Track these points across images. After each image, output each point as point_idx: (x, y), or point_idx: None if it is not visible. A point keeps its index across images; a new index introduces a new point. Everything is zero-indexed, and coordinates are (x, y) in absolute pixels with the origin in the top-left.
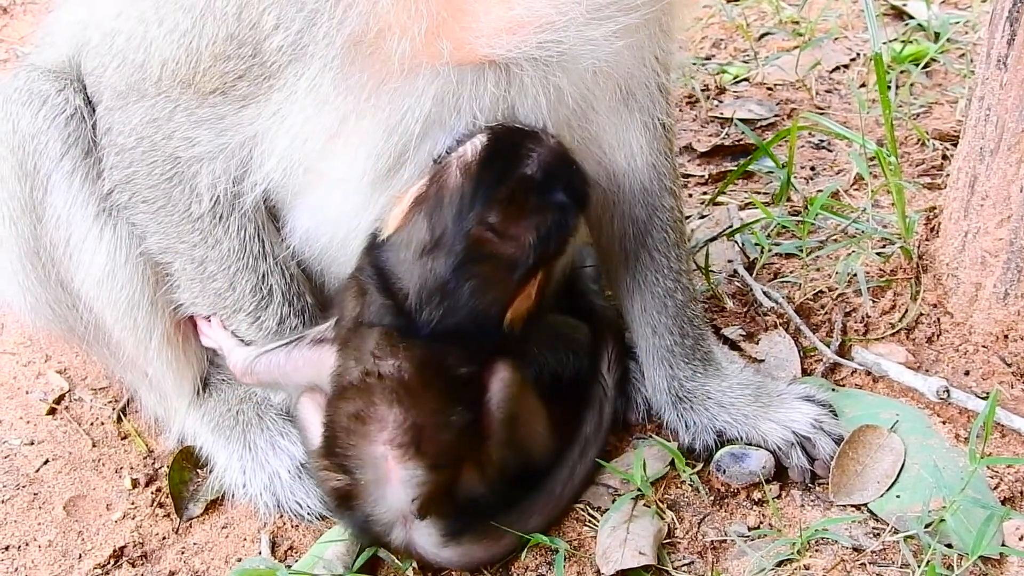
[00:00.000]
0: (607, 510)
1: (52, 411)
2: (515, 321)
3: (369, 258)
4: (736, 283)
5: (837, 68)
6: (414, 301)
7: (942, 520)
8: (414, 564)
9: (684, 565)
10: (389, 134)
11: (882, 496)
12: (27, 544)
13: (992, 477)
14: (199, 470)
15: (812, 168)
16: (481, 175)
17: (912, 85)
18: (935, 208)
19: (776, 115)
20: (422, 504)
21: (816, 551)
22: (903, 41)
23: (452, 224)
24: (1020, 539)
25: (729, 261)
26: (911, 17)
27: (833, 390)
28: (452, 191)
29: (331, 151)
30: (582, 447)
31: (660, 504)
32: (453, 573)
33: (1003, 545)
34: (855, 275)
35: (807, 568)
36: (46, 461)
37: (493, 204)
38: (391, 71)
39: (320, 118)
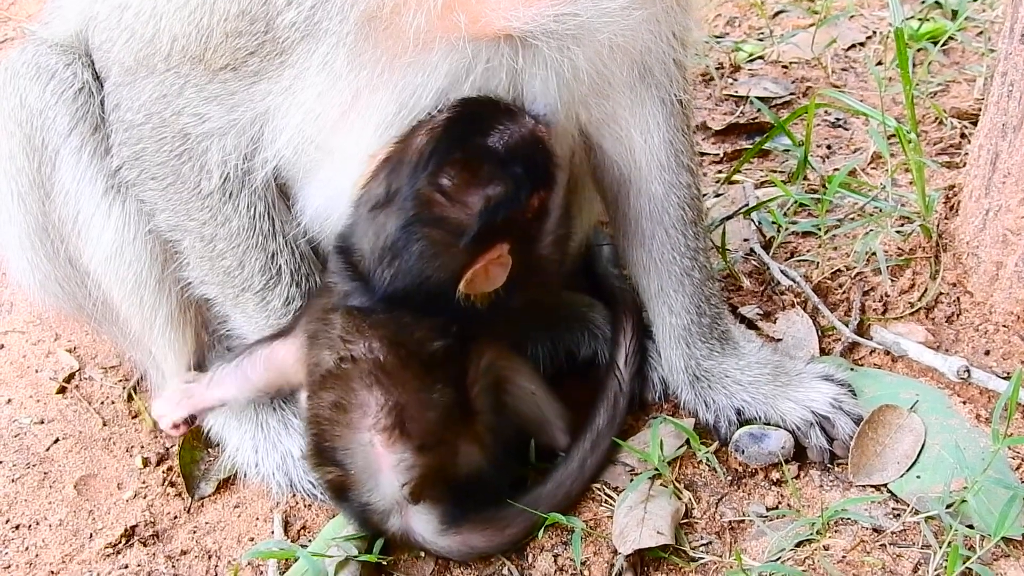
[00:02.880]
0: (623, 490)
1: (62, 390)
2: (478, 298)
3: (341, 250)
4: (753, 262)
5: (853, 46)
6: (368, 261)
7: (963, 501)
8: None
9: (702, 545)
10: (401, 109)
11: (902, 476)
12: (38, 523)
13: (1014, 458)
14: (210, 449)
15: (828, 147)
16: (442, 138)
17: (930, 63)
18: (955, 186)
19: (791, 93)
20: (413, 488)
21: (836, 532)
22: (920, 19)
23: (406, 182)
24: None
25: (745, 240)
26: None
27: (852, 370)
28: (413, 151)
29: (343, 128)
30: (594, 438)
31: (677, 484)
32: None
33: None
34: (874, 253)
35: (826, 549)
36: (56, 440)
37: (446, 166)
38: (406, 46)
39: (333, 94)
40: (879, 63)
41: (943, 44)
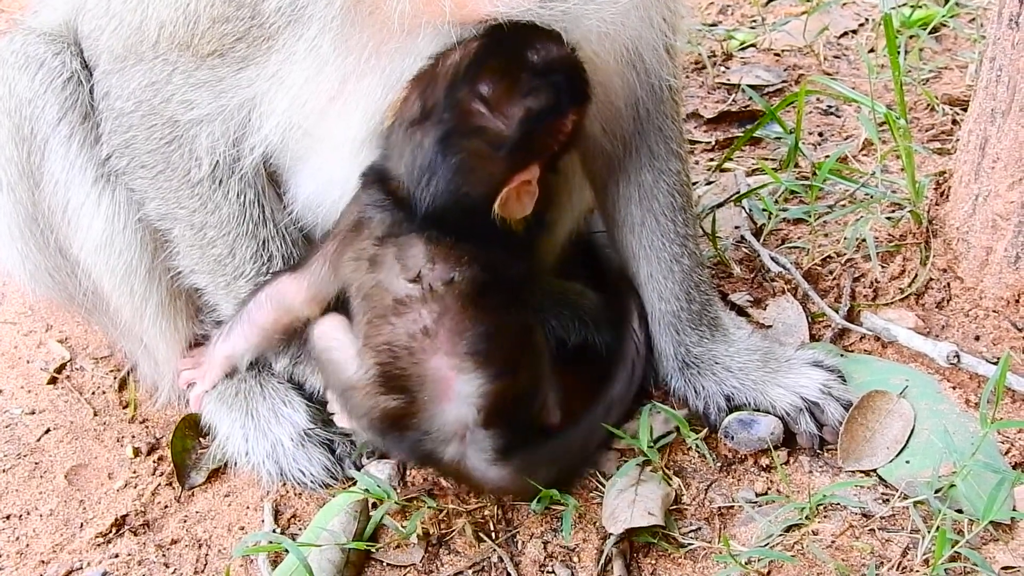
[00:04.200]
0: (612, 476)
1: (53, 380)
2: (513, 222)
3: (374, 183)
4: (744, 249)
5: (845, 34)
6: (406, 184)
7: (952, 485)
8: (417, 532)
9: (691, 531)
10: (388, 94)
11: (891, 461)
12: (28, 513)
13: (1003, 442)
14: (201, 439)
15: (820, 134)
16: (480, 50)
17: (921, 50)
18: (945, 172)
19: (784, 81)
20: (488, 414)
21: (825, 517)
22: (912, 5)
23: (443, 95)
24: None
25: (736, 227)
26: None
27: (842, 355)
28: (449, 66)
29: (331, 114)
30: (609, 404)
31: (667, 470)
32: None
33: (1014, 510)
34: (864, 240)
35: (815, 534)
36: (47, 430)
37: (486, 75)
38: (391, 31)
39: (319, 79)
40: (871, 50)
41: (935, 31)
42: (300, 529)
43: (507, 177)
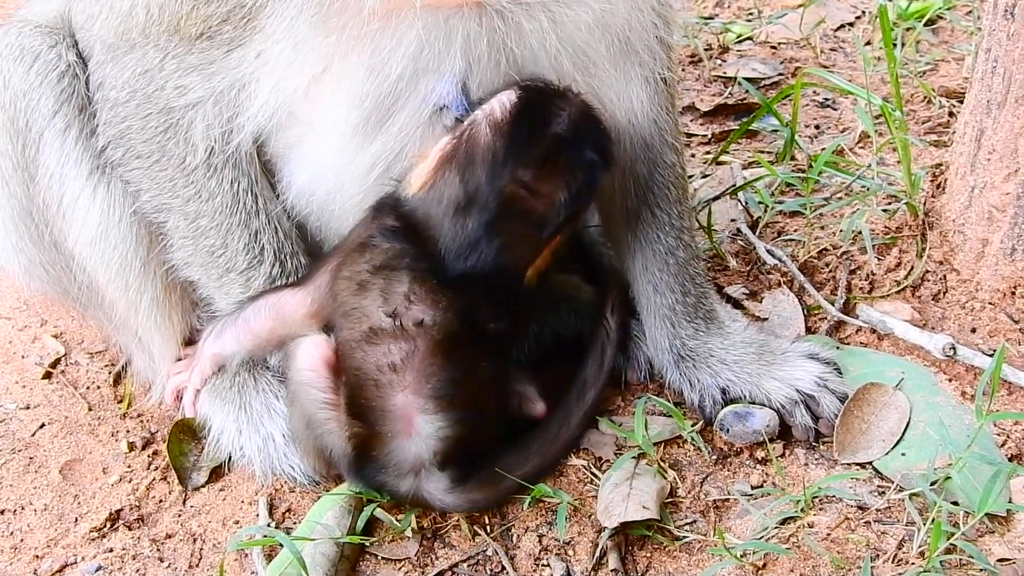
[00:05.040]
0: (607, 470)
1: (48, 375)
2: (532, 277)
3: (390, 212)
4: (739, 241)
5: (842, 26)
6: (443, 251)
7: (948, 477)
8: (412, 526)
9: (687, 524)
10: (371, 76)
11: (887, 454)
12: (23, 508)
13: (999, 434)
14: (196, 441)
15: (816, 127)
16: (514, 133)
17: (918, 42)
18: (941, 164)
19: (780, 74)
20: (444, 455)
21: (820, 509)
22: None
23: (486, 182)
24: None
25: (732, 220)
26: None
27: (837, 348)
28: (484, 149)
29: (317, 96)
30: (580, 388)
31: (662, 463)
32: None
33: (1010, 502)
34: (860, 232)
35: (811, 526)
36: (42, 425)
37: (527, 162)
38: (369, 13)
39: (300, 60)
40: (868, 43)
41: (931, 23)
42: (295, 523)
43: (543, 249)
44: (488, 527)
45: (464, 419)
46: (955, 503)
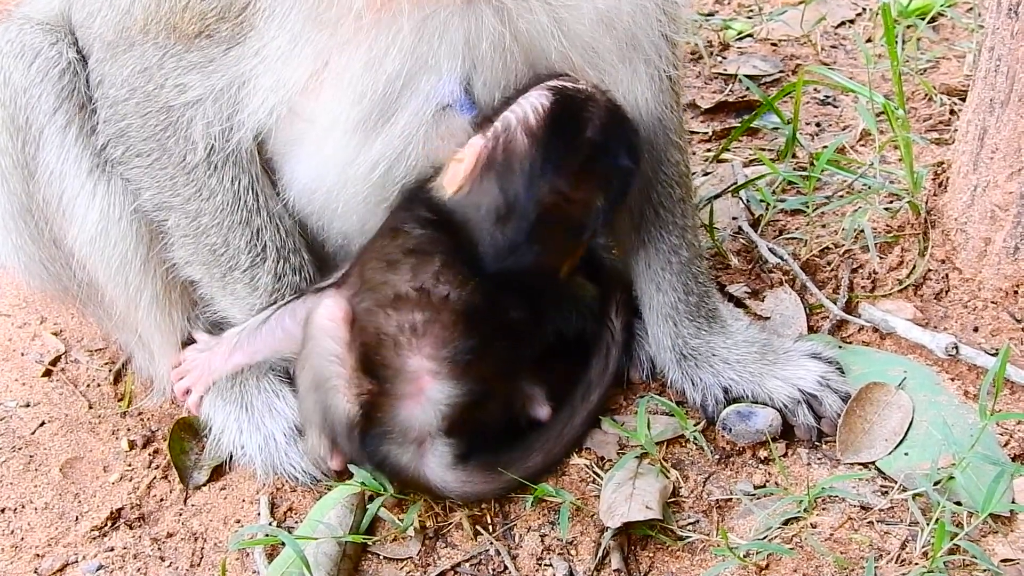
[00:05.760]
0: (610, 469)
1: (48, 373)
2: (566, 273)
3: (422, 205)
4: (741, 240)
5: (843, 23)
6: (482, 252)
7: (951, 477)
8: (414, 525)
9: (689, 524)
10: (369, 71)
11: (890, 454)
12: (23, 506)
13: (1002, 434)
14: (196, 439)
15: (817, 124)
16: (550, 142)
17: (919, 40)
18: (943, 163)
19: (781, 71)
20: (451, 423)
21: (823, 509)
22: None
23: (524, 192)
24: None
25: (734, 218)
26: None
27: (840, 347)
28: (521, 157)
29: (315, 92)
30: (586, 388)
31: (664, 463)
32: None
33: (1013, 502)
34: (862, 231)
35: (814, 526)
36: (42, 423)
37: (565, 173)
38: (364, 6)
39: (295, 55)
40: (868, 40)
41: (932, 20)
42: (296, 522)
43: (580, 249)
44: (490, 526)
45: (474, 390)
46: (958, 503)
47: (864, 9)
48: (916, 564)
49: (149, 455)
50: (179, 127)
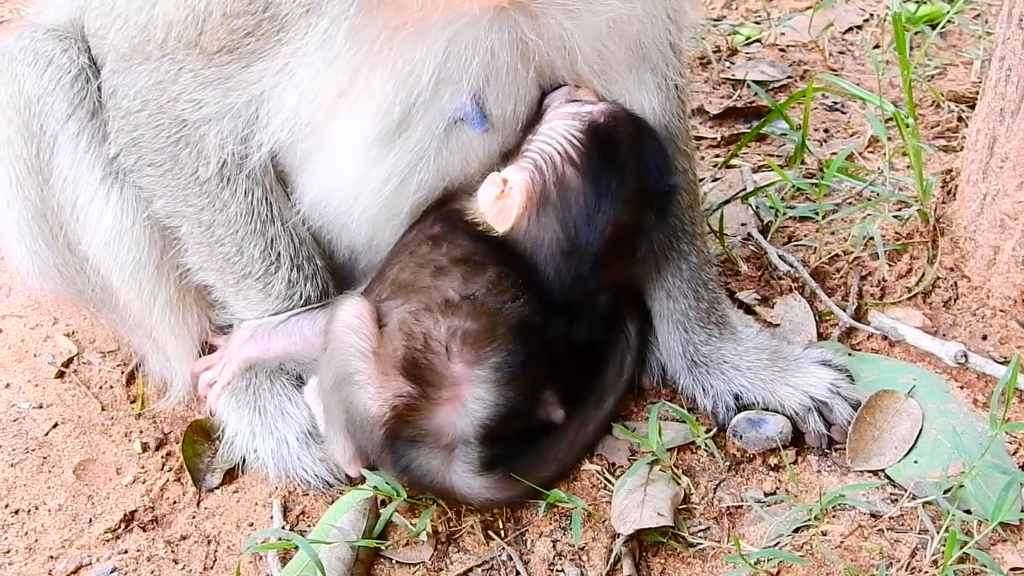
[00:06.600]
0: (621, 475)
1: (61, 374)
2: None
3: (467, 236)
4: (750, 247)
5: (850, 29)
6: (545, 281)
7: (961, 486)
8: (427, 529)
9: (700, 531)
10: (398, 88)
11: (900, 461)
12: (37, 508)
13: (1011, 442)
14: (209, 442)
15: (826, 130)
16: (598, 174)
17: (927, 46)
18: (952, 170)
19: (789, 77)
20: (487, 431)
21: (833, 517)
22: (917, 1)
23: (585, 226)
24: None
25: (743, 224)
26: None
27: (849, 355)
28: (576, 193)
29: (340, 110)
30: (600, 394)
31: (676, 469)
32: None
33: (1022, 511)
34: (871, 238)
35: (824, 534)
36: (55, 425)
37: (618, 201)
38: (408, 18)
39: (330, 73)
40: (876, 46)
41: (940, 27)
42: (309, 526)
43: (632, 267)
44: (502, 532)
45: (514, 400)
46: (968, 511)
47: (872, 15)
48: (926, 572)
49: (162, 458)
50: (192, 141)
